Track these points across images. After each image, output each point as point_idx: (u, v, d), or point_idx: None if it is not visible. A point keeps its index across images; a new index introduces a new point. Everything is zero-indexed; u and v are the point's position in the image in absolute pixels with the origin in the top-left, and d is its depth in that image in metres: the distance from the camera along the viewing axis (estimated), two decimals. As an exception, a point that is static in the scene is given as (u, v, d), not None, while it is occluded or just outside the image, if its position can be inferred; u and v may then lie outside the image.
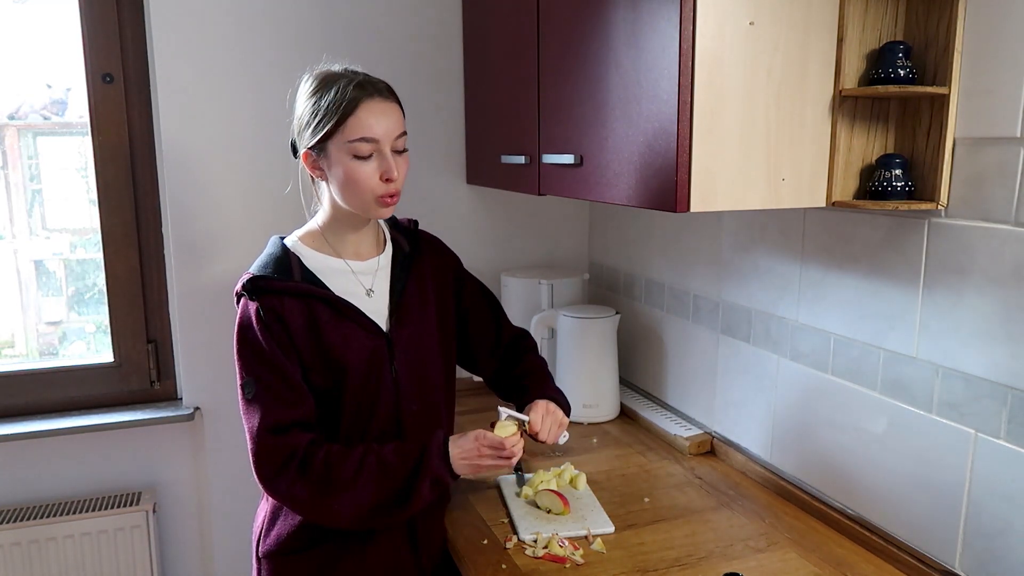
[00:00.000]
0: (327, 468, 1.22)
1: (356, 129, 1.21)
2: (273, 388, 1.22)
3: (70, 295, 2.11)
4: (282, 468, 1.21)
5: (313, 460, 1.22)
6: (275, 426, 1.22)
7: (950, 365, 1.20)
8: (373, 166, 1.23)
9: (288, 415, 1.23)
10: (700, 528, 1.41)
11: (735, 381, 1.69)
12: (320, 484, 1.21)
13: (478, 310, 1.49)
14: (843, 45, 1.20)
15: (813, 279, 1.46)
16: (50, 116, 2.00)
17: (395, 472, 1.23)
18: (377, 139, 1.22)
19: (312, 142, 1.23)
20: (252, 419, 1.23)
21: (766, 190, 1.21)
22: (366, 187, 1.23)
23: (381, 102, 1.23)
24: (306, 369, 1.25)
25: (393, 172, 1.23)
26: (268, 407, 1.22)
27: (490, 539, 1.38)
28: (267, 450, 1.22)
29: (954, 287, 1.18)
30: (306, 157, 1.27)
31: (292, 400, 1.23)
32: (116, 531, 1.88)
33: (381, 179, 1.23)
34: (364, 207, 1.26)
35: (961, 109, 1.15)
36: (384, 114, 1.23)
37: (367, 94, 1.22)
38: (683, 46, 1.12)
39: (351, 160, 1.22)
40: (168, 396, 2.04)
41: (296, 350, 1.24)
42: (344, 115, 1.20)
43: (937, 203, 1.18)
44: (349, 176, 1.22)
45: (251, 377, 1.23)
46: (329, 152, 1.23)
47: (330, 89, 1.22)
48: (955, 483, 1.20)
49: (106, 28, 1.87)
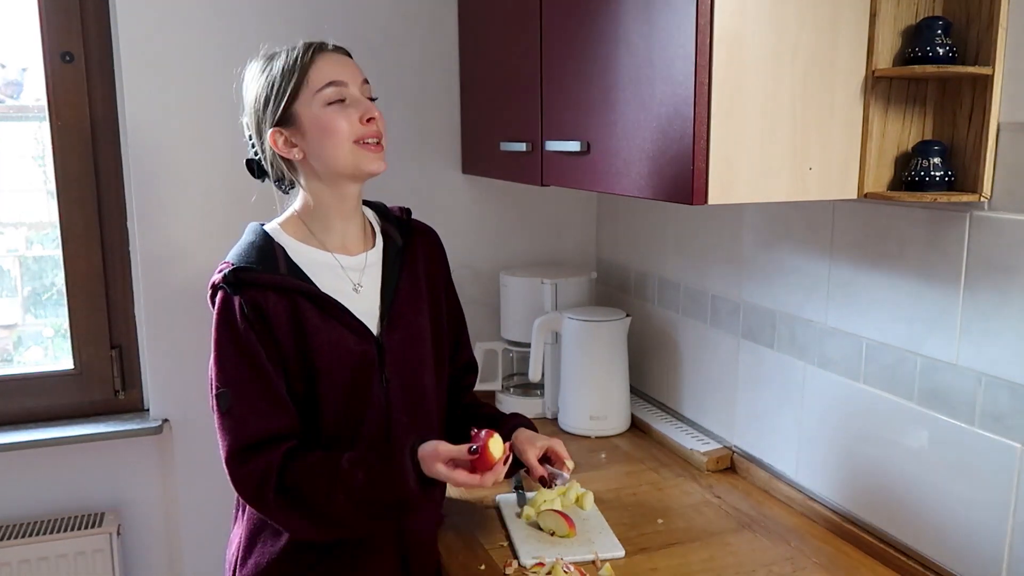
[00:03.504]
0: (299, 488, 1.21)
1: (320, 77, 1.26)
2: (250, 398, 1.22)
3: (26, 296, 2.11)
4: (258, 490, 1.22)
5: (286, 476, 1.22)
6: (247, 444, 1.22)
7: (994, 373, 1.20)
8: (349, 110, 1.27)
9: (264, 428, 1.23)
10: (719, 552, 1.41)
11: (758, 391, 1.70)
12: (299, 503, 1.21)
13: (448, 325, 1.48)
14: (876, 21, 1.20)
15: (843, 278, 1.46)
16: (3, 99, 2.00)
17: (368, 502, 1.21)
18: (344, 81, 1.27)
19: (278, 114, 1.26)
20: (225, 437, 1.23)
21: (791, 180, 1.21)
22: (347, 133, 1.26)
23: (335, 54, 1.30)
24: (288, 375, 1.25)
25: (373, 111, 1.28)
26: (243, 420, 1.22)
27: (488, 564, 1.38)
28: (240, 476, 1.23)
29: (998, 287, 1.18)
30: (275, 138, 1.28)
31: (268, 412, 1.23)
32: (76, 555, 1.88)
33: (361, 122, 1.27)
34: (351, 159, 1.28)
35: (1006, 91, 1.15)
36: (341, 63, 1.30)
37: (319, 49, 1.29)
38: (700, 21, 1.12)
39: (324, 110, 1.26)
40: (134, 407, 2.04)
41: (280, 353, 1.24)
42: (303, 69, 1.26)
43: (980, 194, 1.18)
44: (325, 126, 1.26)
45: (226, 388, 1.23)
46: (298, 115, 1.26)
47: (279, 57, 1.28)
48: (999, 502, 1.20)
49: (66, 2, 1.87)
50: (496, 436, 1.21)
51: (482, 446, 1.19)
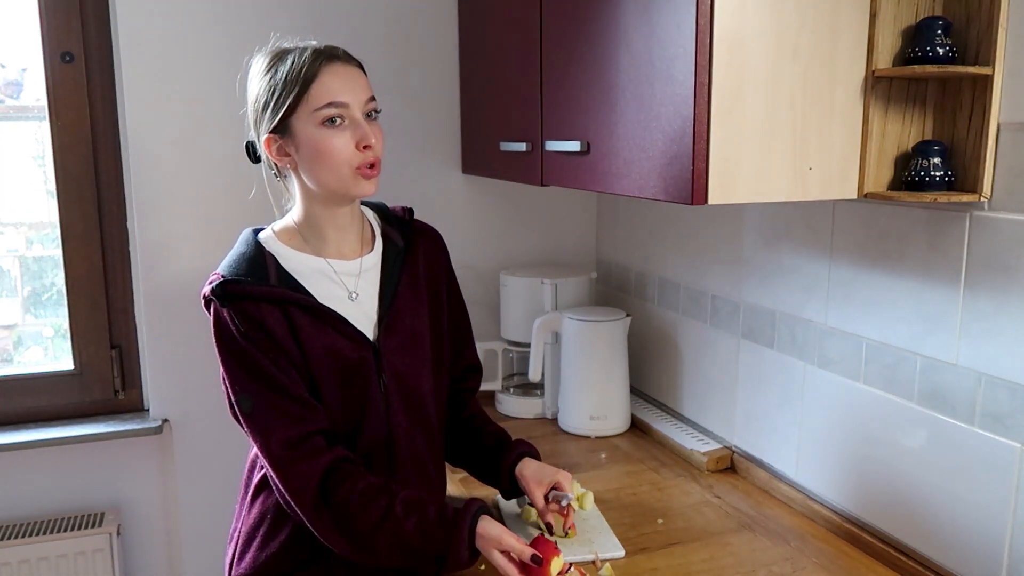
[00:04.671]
0: (346, 509, 1.19)
1: (321, 95, 1.20)
2: (274, 404, 1.21)
3: (26, 296, 2.11)
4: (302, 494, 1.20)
5: (337, 490, 1.20)
6: (288, 441, 1.20)
7: (994, 373, 1.20)
8: (346, 135, 1.22)
9: (302, 428, 1.21)
10: (719, 552, 1.41)
11: (758, 391, 1.70)
12: (341, 523, 1.20)
13: (451, 327, 1.46)
14: (876, 21, 1.20)
15: (843, 278, 1.46)
16: (3, 99, 2.00)
17: (412, 549, 1.20)
18: (346, 103, 1.22)
19: (274, 123, 1.22)
20: (256, 439, 1.22)
21: (792, 180, 1.21)
22: (341, 159, 1.22)
23: (343, 66, 1.24)
24: (300, 375, 1.24)
25: (370, 138, 1.22)
26: (276, 422, 1.20)
27: (488, 567, 1.38)
28: (287, 464, 1.20)
29: (999, 287, 1.18)
30: (269, 144, 1.25)
31: (300, 415, 1.21)
32: (77, 555, 1.88)
33: (358, 147, 1.22)
34: (343, 184, 1.24)
35: (1006, 91, 1.15)
36: (349, 77, 1.23)
37: (326, 59, 1.22)
38: (700, 21, 1.12)
39: (320, 131, 1.21)
40: (134, 407, 2.04)
41: (287, 357, 1.22)
42: (305, 83, 1.20)
43: (980, 194, 1.18)
44: (320, 149, 1.21)
45: (242, 392, 1.21)
46: (294, 129, 1.22)
47: (285, 60, 1.22)
48: (999, 502, 1.20)
49: (66, 2, 1.87)
50: (560, 557, 1.21)
51: (544, 562, 1.19)
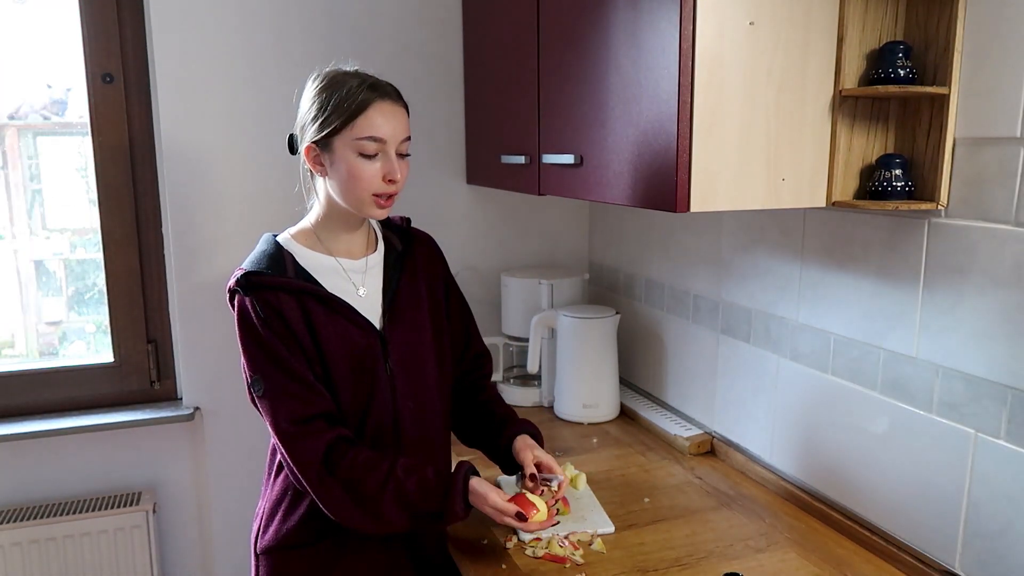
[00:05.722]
0: (352, 477, 1.21)
1: (365, 128, 1.22)
2: (280, 382, 1.22)
3: (70, 295, 2.11)
4: (310, 468, 1.21)
5: (340, 462, 1.21)
6: (294, 419, 1.22)
7: (950, 365, 1.20)
8: (377, 166, 1.24)
9: (306, 410, 1.22)
10: (700, 528, 1.41)
11: (735, 381, 1.69)
12: (350, 490, 1.21)
13: (455, 320, 1.48)
14: (843, 45, 1.20)
15: (813, 279, 1.46)
16: (50, 116, 2.00)
17: (415, 507, 1.23)
18: (384, 139, 1.24)
19: (318, 136, 1.24)
20: (268, 417, 1.24)
21: (766, 190, 1.21)
22: (368, 186, 1.24)
23: (391, 105, 1.26)
24: (308, 362, 1.25)
25: (396, 174, 1.25)
26: (283, 402, 1.22)
27: (490, 539, 1.38)
28: (295, 452, 1.22)
29: (954, 287, 1.18)
30: (308, 151, 1.27)
31: (306, 397, 1.23)
32: (116, 531, 1.88)
33: (383, 180, 1.25)
34: (360, 205, 1.27)
35: (961, 109, 1.15)
36: (394, 116, 1.25)
37: (379, 95, 1.24)
38: (683, 46, 1.12)
39: (356, 158, 1.23)
40: (168, 396, 2.04)
41: (299, 344, 1.24)
42: (355, 113, 1.22)
43: (937, 203, 1.18)
44: (352, 173, 1.24)
45: (257, 375, 1.23)
46: (334, 148, 1.24)
47: (341, 87, 1.24)
48: (955, 483, 1.20)
49: (106, 28, 1.87)
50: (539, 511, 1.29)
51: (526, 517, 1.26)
